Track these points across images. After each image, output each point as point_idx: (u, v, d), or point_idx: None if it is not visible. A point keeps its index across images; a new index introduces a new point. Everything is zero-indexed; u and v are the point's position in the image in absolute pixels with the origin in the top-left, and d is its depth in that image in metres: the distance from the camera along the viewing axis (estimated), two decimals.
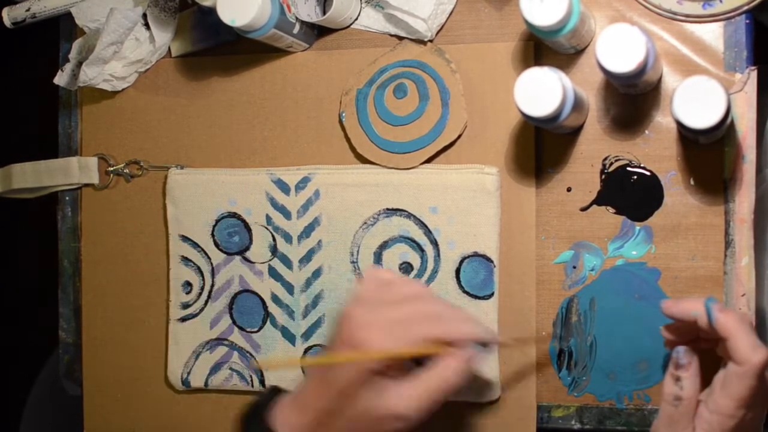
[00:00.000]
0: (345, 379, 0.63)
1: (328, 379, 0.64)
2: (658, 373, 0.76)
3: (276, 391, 0.69)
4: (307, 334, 0.83)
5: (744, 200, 0.75)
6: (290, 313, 0.84)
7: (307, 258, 0.83)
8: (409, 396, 0.63)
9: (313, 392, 0.65)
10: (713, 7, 0.75)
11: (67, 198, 0.92)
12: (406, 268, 0.81)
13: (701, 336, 0.65)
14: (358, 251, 0.82)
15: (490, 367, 0.79)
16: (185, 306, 0.86)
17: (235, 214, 0.85)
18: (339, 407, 0.64)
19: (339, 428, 0.64)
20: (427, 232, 0.81)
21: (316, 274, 0.83)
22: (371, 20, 0.83)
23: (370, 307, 0.64)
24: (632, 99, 0.77)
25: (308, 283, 0.83)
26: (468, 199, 0.79)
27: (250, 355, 0.85)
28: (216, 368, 0.86)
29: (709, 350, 0.65)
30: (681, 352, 0.65)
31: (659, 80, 0.77)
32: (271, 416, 0.66)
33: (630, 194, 0.77)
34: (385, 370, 0.63)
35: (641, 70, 0.68)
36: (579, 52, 0.79)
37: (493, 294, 0.79)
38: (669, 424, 0.65)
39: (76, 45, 0.89)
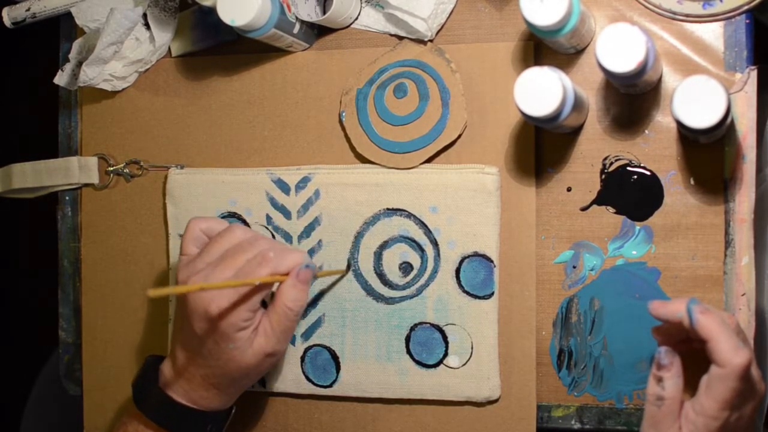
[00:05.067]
0: (213, 347, 0.72)
1: (199, 350, 0.73)
2: None
3: (153, 365, 0.77)
4: (307, 334, 0.83)
5: (744, 200, 0.75)
6: None
7: None
8: (267, 333, 0.72)
9: (199, 367, 0.73)
10: (713, 7, 0.75)
11: (67, 198, 0.92)
12: (406, 268, 0.81)
13: (692, 337, 0.65)
14: (358, 251, 0.82)
15: (490, 367, 0.79)
16: None
17: (235, 214, 0.85)
18: (223, 372, 0.73)
19: (230, 384, 0.74)
20: (427, 231, 0.81)
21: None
22: (371, 20, 0.83)
23: (202, 273, 0.72)
24: (632, 99, 0.77)
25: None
26: (468, 199, 0.79)
27: None
28: None
29: (701, 351, 0.65)
30: (662, 353, 0.65)
31: (659, 80, 0.77)
32: (165, 390, 0.74)
33: (630, 194, 0.77)
34: (241, 324, 0.71)
35: (641, 70, 0.68)
36: (579, 51, 0.79)
37: (493, 294, 0.79)
38: (653, 424, 0.65)
39: (76, 45, 0.89)
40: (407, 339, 0.81)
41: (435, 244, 0.81)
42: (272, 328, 0.72)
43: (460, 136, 0.80)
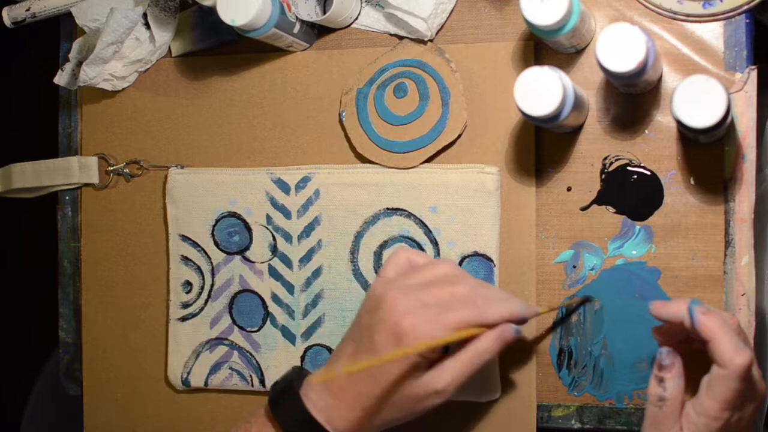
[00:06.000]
0: (393, 372, 0.66)
1: (372, 372, 0.66)
2: None
3: (300, 374, 0.71)
4: (307, 334, 0.83)
5: (744, 200, 0.75)
6: (290, 313, 0.84)
7: (307, 257, 0.83)
8: (446, 373, 0.67)
9: (356, 383, 0.67)
10: (713, 7, 0.75)
11: (67, 198, 0.92)
12: None
13: (693, 337, 0.65)
14: (357, 251, 0.82)
15: (490, 367, 0.79)
16: (185, 305, 0.86)
17: (235, 213, 0.85)
18: (382, 395, 0.67)
19: (381, 411, 0.68)
20: (427, 231, 0.81)
21: (316, 273, 0.83)
22: (371, 20, 0.83)
23: (404, 291, 0.66)
24: (632, 98, 0.77)
25: (308, 283, 0.83)
26: (468, 199, 0.79)
27: (250, 354, 0.85)
28: (216, 368, 0.86)
29: (701, 351, 0.65)
30: (664, 353, 0.65)
31: (659, 80, 0.77)
32: (304, 400, 0.68)
33: (630, 194, 0.77)
34: (425, 355, 0.66)
35: (641, 70, 0.68)
36: (579, 51, 0.79)
37: None
38: (654, 424, 0.65)
39: (77, 44, 0.89)
40: None
41: (435, 243, 0.81)
42: (451, 368, 0.67)
43: (460, 135, 0.80)
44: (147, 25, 0.87)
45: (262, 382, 0.84)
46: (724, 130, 0.71)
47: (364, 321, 0.68)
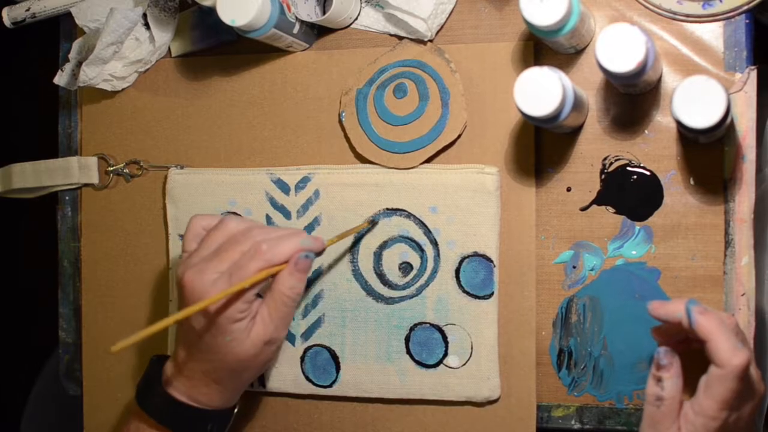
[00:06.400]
0: (222, 344, 0.71)
1: (197, 345, 0.72)
2: None
3: (157, 367, 0.76)
4: (306, 334, 0.83)
5: (744, 200, 0.75)
6: None
7: None
8: (265, 321, 0.72)
9: (198, 364, 0.73)
10: (713, 7, 0.75)
11: (67, 198, 0.92)
12: (405, 267, 0.81)
13: (691, 337, 0.65)
14: (357, 251, 0.82)
15: (489, 367, 0.79)
16: None
17: (235, 214, 0.85)
18: (222, 366, 0.72)
19: (231, 377, 0.74)
20: (427, 231, 0.81)
21: (316, 273, 0.83)
22: (371, 20, 0.83)
23: (198, 268, 0.71)
24: (632, 99, 0.77)
25: (308, 283, 0.83)
26: (468, 199, 0.79)
27: None
28: None
29: (700, 351, 0.65)
30: (662, 353, 0.65)
31: (659, 80, 0.77)
32: (167, 389, 0.74)
33: (630, 194, 0.77)
34: (237, 316, 0.70)
35: (641, 70, 0.68)
36: (579, 51, 0.79)
37: (492, 294, 0.79)
38: (652, 424, 0.65)
39: (76, 45, 0.89)
40: (407, 339, 0.81)
41: (435, 244, 0.81)
42: (270, 315, 0.72)
43: (459, 136, 0.80)
44: (147, 26, 0.87)
45: (261, 382, 0.84)
46: (723, 130, 0.71)
47: (180, 308, 0.72)
